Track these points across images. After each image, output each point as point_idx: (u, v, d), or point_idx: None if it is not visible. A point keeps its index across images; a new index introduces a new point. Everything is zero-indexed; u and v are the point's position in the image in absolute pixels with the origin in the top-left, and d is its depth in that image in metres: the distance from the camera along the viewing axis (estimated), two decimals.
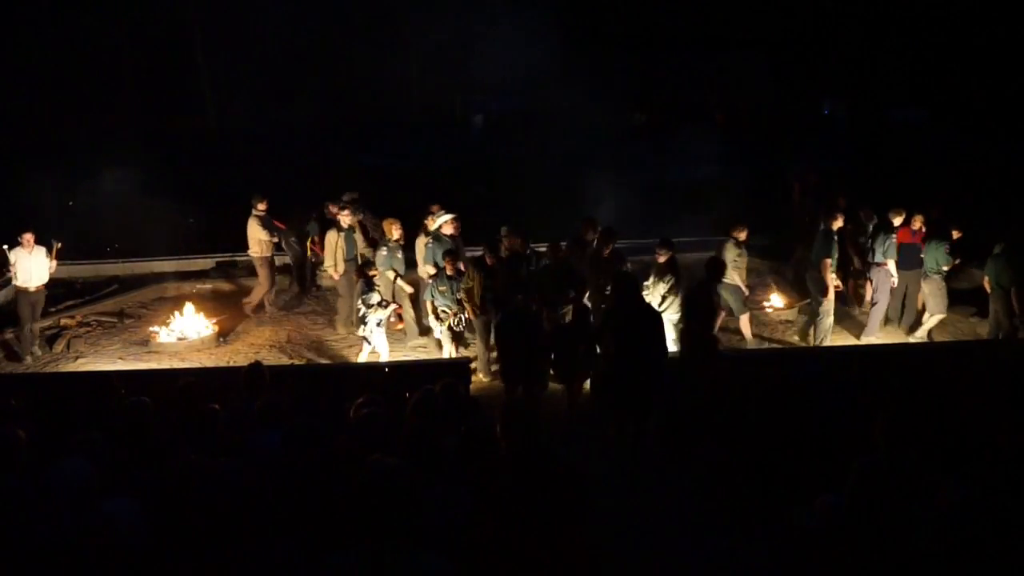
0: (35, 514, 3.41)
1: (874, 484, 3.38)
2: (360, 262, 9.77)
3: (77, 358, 10.17)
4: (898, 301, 10.12)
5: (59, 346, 10.41)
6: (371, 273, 8.99)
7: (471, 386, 8.20)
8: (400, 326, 9.67)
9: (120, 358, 10.06)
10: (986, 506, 3.24)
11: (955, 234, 9.76)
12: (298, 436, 4.21)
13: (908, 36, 26.96)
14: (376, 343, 8.98)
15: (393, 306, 9.10)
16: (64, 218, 15.35)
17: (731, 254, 9.43)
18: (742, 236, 9.46)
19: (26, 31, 24.19)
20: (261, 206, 11.20)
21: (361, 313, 8.83)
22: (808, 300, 10.02)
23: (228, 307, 11.75)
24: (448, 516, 3.51)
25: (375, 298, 8.79)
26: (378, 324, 8.89)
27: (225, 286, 12.85)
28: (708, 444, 6.15)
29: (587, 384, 7.75)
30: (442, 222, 9.96)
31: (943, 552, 3.20)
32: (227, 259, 13.57)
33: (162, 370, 9.32)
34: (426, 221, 10.16)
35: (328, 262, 10.50)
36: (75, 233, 13.18)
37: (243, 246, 13.83)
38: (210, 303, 11.57)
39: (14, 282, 10.15)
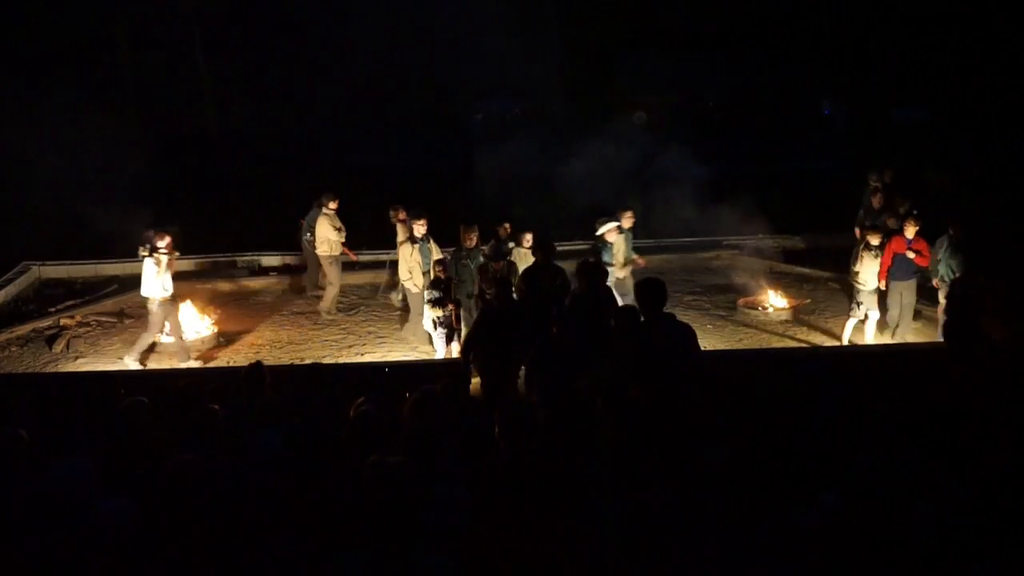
0: (35, 514, 3.42)
1: (874, 484, 3.38)
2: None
3: (77, 358, 10.16)
4: (895, 310, 9.90)
5: (59, 346, 10.40)
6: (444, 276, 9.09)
7: (471, 386, 8.20)
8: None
9: (120, 358, 10.05)
10: (986, 506, 3.24)
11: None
12: (298, 436, 4.21)
13: (908, 36, 26.93)
14: (435, 340, 9.15)
15: (450, 306, 9.09)
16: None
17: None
18: (875, 241, 9.61)
19: (24, 30, 24.17)
20: (332, 204, 10.86)
21: (425, 309, 9.14)
22: (808, 300, 10.05)
23: (227, 307, 11.76)
24: (448, 516, 3.52)
25: (435, 295, 8.93)
26: (437, 321, 8.98)
27: (225, 286, 12.85)
28: (708, 444, 6.13)
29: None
30: (605, 230, 9.66)
31: (943, 552, 3.20)
32: (227, 259, 13.57)
33: (162, 370, 9.32)
34: (498, 228, 9.86)
35: (404, 275, 9.89)
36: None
37: (241, 246, 13.88)
38: (210, 303, 11.54)
39: (160, 295, 9.15)
